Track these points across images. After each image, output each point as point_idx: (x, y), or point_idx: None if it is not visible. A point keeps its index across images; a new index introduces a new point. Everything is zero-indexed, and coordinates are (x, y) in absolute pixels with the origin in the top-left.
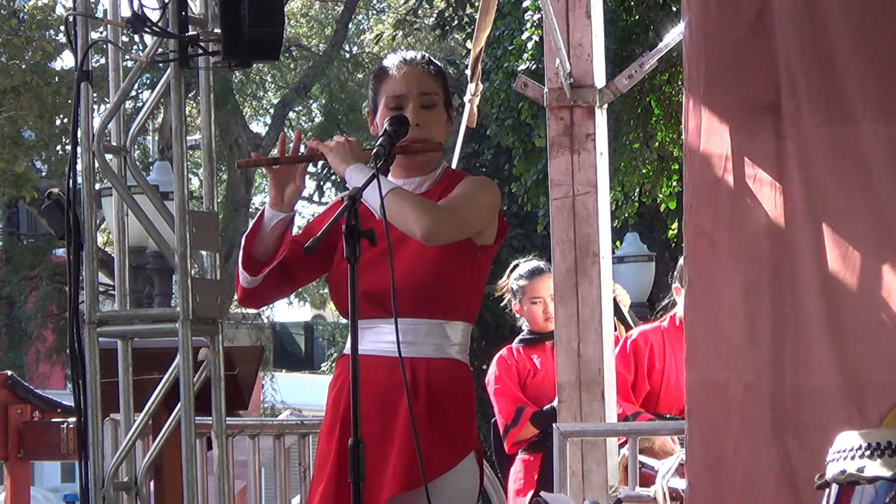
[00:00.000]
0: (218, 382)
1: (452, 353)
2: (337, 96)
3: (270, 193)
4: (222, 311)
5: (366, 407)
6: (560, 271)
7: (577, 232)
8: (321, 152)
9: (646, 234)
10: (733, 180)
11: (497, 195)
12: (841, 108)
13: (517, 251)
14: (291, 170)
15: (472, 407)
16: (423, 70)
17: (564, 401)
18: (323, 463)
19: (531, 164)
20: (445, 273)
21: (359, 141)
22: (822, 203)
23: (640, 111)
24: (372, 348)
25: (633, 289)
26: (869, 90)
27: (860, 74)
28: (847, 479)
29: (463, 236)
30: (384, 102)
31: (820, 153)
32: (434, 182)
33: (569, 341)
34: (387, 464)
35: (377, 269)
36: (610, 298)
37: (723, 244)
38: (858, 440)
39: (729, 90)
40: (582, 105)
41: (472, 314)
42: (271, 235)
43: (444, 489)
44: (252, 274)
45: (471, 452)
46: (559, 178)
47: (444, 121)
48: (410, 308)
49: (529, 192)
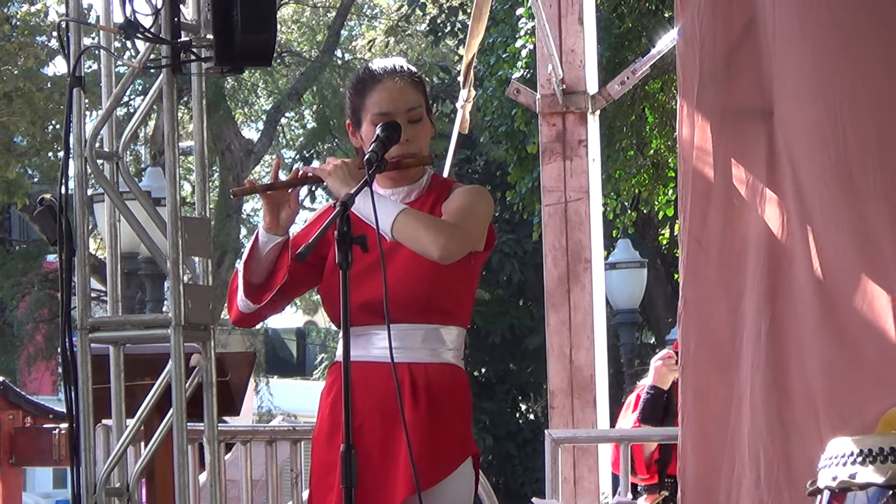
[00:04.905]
0: (210, 388)
1: (449, 357)
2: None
3: (265, 218)
4: (214, 317)
5: (367, 414)
6: (552, 278)
7: (569, 238)
8: (316, 176)
9: (638, 240)
10: (726, 186)
11: (492, 204)
12: (829, 113)
13: (509, 256)
14: (285, 193)
15: (470, 411)
16: (407, 83)
17: (556, 407)
18: (327, 472)
19: (526, 171)
20: (440, 279)
21: (355, 161)
22: (811, 209)
23: (634, 118)
24: (364, 354)
25: (625, 295)
26: (858, 96)
27: (849, 80)
28: (839, 485)
29: (471, 250)
30: (369, 119)
31: (808, 158)
32: (422, 190)
33: (561, 348)
34: (396, 468)
35: (371, 280)
36: (602, 305)
37: (715, 250)
38: (850, 446)
39: (722, 96)
40: (574, 111)
41: (465, 319)
42: (267, 259)
43: (445, 493)
44: (255, 302)
45: (469, 456)
46: (551, 184)
47: (430, 131)
48: (406, 314)
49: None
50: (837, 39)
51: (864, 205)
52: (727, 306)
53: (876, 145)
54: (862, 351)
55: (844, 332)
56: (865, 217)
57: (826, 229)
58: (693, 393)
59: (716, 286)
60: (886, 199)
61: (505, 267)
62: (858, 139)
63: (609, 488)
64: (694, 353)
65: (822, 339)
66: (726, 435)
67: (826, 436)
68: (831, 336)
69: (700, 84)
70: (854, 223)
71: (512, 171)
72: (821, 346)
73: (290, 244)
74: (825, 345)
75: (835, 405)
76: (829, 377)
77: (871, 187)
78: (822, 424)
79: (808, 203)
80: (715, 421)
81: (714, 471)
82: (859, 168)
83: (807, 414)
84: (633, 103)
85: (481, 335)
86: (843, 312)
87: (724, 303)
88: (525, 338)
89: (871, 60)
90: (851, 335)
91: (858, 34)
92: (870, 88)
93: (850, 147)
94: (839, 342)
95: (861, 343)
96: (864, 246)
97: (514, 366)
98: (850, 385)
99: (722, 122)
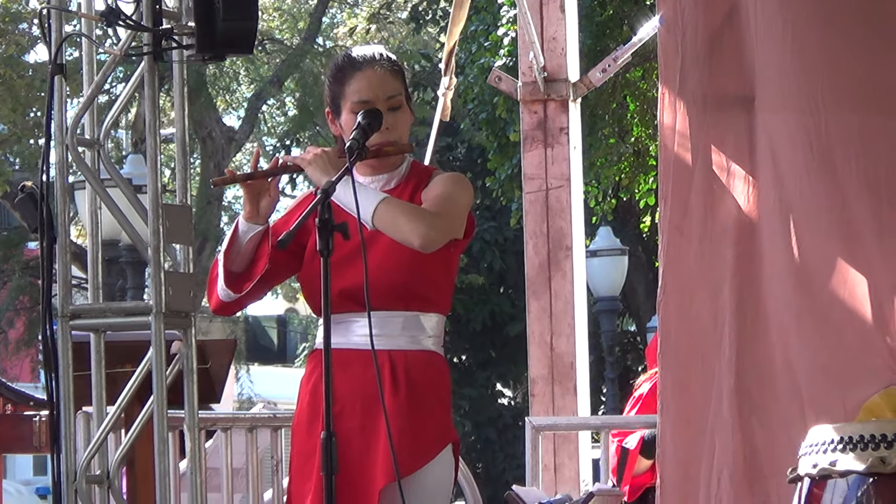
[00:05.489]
0: (190, 375)
1: (428, 344)
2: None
3: (245, 207)
4: (195, 304)
5: (346, 401)
6: (533, 265)
7: (550, 225)
8: (297, 165)
9: (619, 227)
10: (707, 173)
11: (472, 192)
12: (810, 101)
13: (489, 244)
14: (265, 183)
15: (449, 398)
16: (386, 71)
17: (536, 395)
18: (307, 459)
19: (506, 158)
20: (419, 267)
21: (335, 149)
22: (792, 196)
23: (615, 106)
24: (344, 342)
25: (606, 282)
26: (839, 84)
27: (831, 68)
28: (819, 472)
29: (451, 238)
30: (349, 107)
31: (789, 146)
32: (402, 178)
33: (541, 335)
34: (375, 455)
35: (351, 267)
36: (583, 292)
37: (696, 237)
38: (831, 434)
39: (703, 84)
40: (555, 99)
41: (445, 306)
42: (247, 248)
43: (425, 480)
44: (236, 291)
45: (449, 444)
46: (532, 171)
47: (410, 119)
48: (386, 301)
49: (504, 187)
50: (819, 27)
51: (845, 193)
52: (708, 294)
53: (858, 133)
54: (844, 339)
55: (826, 320)
56: (847, 205)
57: (807, 217)
58: (673, 380)
59: (696, 273)
60: (868, 187)
61: (486, 254)
62: (840, 127)
63: (590, 476)
64: (674, 341)
65: (804, 327)
66: (706, 422)
67: (809, 423)
68: (813, 324)
69: (682, 72)
70: (836, 211)
71: (492, 158)
72: (803, 334)
73: (270, 233)
74: (807, 333)
75: (817, 393)
76: (811, 365)
77: (853, 175)
78: (805, 412)
79: (789, 190)
80: (695, 408)
81: (694, 459)
82: (841, 156)
83: (790, 402)
84: (615, 91)
85: (462, 322)
86: (825, 300)
87: (705, 290)
88: (506, 325)
89: (852, 48)
90: (833, 323)
91: (840, 22)
92: (851, 76)
93: (832, 135)
94: (821, 330)
95: (843, 331)
96: (845, 234)
97: (495, 353)
98: (833, 373)
99: (703, 109)
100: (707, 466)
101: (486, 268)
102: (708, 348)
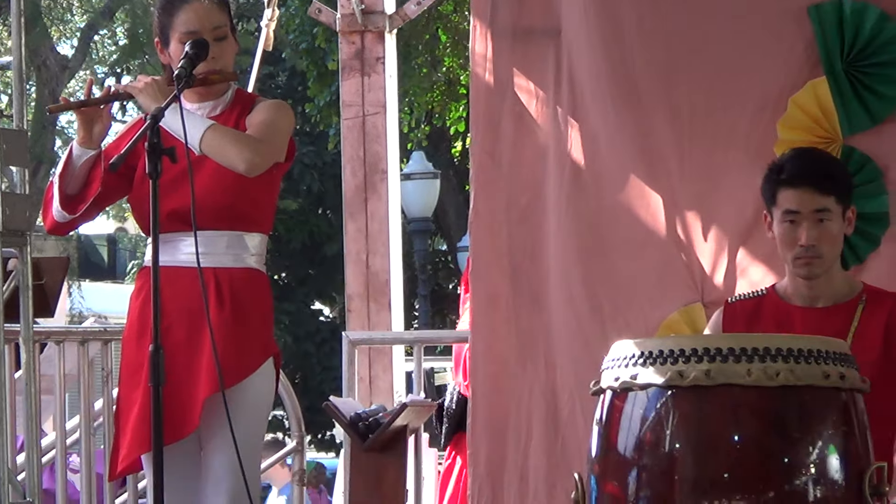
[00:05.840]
0: (26, 291)
1: (251, 262)
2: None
3: (79, 133)
4: (30, 223)
5: (174, 316)
6: (350, 188)
7: (367, 150)
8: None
9: (431, 152)
10: (516, 101)
11: (293, 118)
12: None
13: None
14: (98, 109)
15: (271, 313)
16: (212, 3)
17: (353, 310)
18: (135, 370)
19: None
20: (243, 189)
21: (164, 78)
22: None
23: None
24: (171, 259)
25: (419, 205)
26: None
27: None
28: (621, 385)
29: (274, 162)
30: (177, 37)
31: (594, 77)
32: (227, 105)
33: (358, 254)
34: (200, 367)
35: (179, 189)
36: (397, 213)
37: (506, 163)
38: (632, 349)
39: (513, 16)
40: (372, 30)
41: (268, 226)
42: (81, 171)
43: (247, 390)
44: (70, 212)
45: (270, 356)
46: (350, 99)
47: (234, 48)
48: (211, 221)
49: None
50: None
51: (650, 121)
52: (517, 217)
53: (665, 66)
54: (646, 260)
55: (629, 243)
56: (652, 131)
57: (612, 144)
58: (485, 296)
59: (506, 198)
60: (672, 115)
61: (305, 177)
62: (646, 60)
63: (403, 388)
64: (485, 260)
65: (609, 249)
66: (515, 335)
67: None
68: (617, 246)
69: (493, 5)
70: (640, 138)
71: (312, 86)
72: (607, 256)
73: (103, 157)
74: (611, 254)
75: (620, 311)
76: (614, 285)
77: (658, 104)
78: (607, 330)
79: (592, 119)
80: (504, 322)
81: (505, 372)
82: (647, 87)
83: (593, 321)
84: (428, 23)
85: (282, 242)
86: (628, 224)
87: (515, 213)
88: (324, 244)
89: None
90: (636, 245)
91: None
92: (657, 11)
93: (638, 67)
94: (625, 252)
95: (645, 252)
96: (650, 160)
97: (313, 271)
98: (634, 292)
99: (513, 40)
100: (520, 377)
101: (306, 190)
102: (517, 268)
